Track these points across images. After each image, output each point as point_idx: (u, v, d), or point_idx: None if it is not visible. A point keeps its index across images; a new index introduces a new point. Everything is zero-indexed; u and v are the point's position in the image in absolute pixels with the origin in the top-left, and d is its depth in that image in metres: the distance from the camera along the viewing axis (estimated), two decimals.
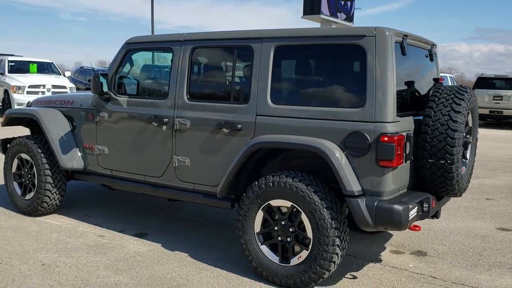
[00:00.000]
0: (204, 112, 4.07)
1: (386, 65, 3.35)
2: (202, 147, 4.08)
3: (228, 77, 4.12)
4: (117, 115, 4.60)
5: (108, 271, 3.86)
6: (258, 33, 3.87)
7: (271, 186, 3.60)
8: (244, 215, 3.77)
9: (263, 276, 3.72)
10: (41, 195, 5.01)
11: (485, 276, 4.02)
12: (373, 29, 3.40)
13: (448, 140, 3.45)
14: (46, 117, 5.00)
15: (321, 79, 3.70)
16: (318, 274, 3.49)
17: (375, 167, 3.35)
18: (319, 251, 3.44)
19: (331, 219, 3.41)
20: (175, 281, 3.73)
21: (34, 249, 4.29)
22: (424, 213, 3.60)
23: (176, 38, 4.28)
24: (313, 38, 3.65)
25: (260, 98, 3.78)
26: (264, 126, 3.76)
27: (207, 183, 4.10)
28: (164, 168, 4.32)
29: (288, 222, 3.63)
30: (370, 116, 3.35)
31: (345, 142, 3.42)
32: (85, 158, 4.92)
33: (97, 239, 4.58)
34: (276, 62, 3.76)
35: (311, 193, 3.45)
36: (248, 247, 3.77)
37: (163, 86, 4.60)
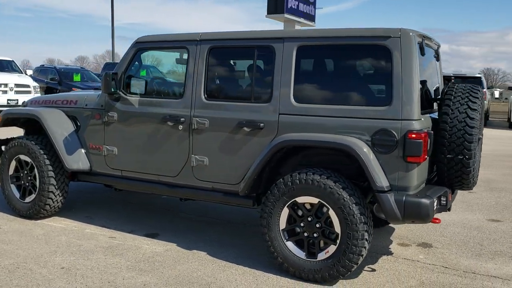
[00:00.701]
0: (224, 111, 4.10)
1: (411, 65, 3.49)
2: (221, 146, 4.11)
3: (248, 77, 4.16)
4: (128, 114, 4.55)
5: (132, 272, 3.83)
6: (280, 33, 3.93)
7: (298, 184, 3.68)
8: (269, 212, 3.82)
9: (289, 272, 3.79)
10: (44, 197, 4.89)
11: (491, 265, 4.25)
12: (398, 30, 3.54)
13: (466, 137, 3.63)
14: (49, 117, 4.87)
15: (345, 78, 3.81)
16: (347, 267, 3.60)
17: (403, 163, 3.49)
18: (348, 245, 3.55)
19: (360, 214, 3.52)
20: (203, 279, 3.74)
21: (47, 252, 4.19)
22: (442, 206, 3.78)
23: (191, 37, 4.28)
24: (336, 38, 3.75)
25: (283, 97, 3.85)
26: (287, 125, 3.83)
27: (227, 182, 4.13)
28: (180, 167, 4.32)
29: (315, 218, 3.72)
30: (397, 114, 3.49)
31: (373, 140, 3.54)
32: (91, 159, 4.83)
33: (109, 241, 4.52)
34: (299, 62, 3.84)
35: (339, 189, 3.56)
36: (274, 243, 3.83)
37: (177, 85, 4.59)
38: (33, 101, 5.38)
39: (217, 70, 4.32)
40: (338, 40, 3.75)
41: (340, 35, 3.74)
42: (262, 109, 3.93)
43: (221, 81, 4.34)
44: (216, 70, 4.30)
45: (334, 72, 3.86)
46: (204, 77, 4.18)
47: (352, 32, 3.71)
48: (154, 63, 4.88)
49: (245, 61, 4.24)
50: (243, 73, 4.30)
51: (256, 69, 4.03)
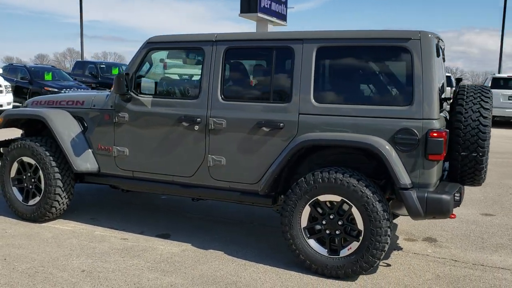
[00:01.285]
0: (242, 111, 4.13)
1: (431, 66, 3.62)
2: (240, 146, 4.14)
3: (266, 77, 4.21)
4: (140, 115, 4.52)
5: (155, 273, 3.83)
6: (299, 34, 3.99)
7: (321, 182, 3.76)
8: (290, 211, 3.88)
9: (311, 269, 3.86)
10: (50, 199, 4.79)
11: (496, 257, 4.45)
12: (418, 33, 3.66)
13: (480, 135, 3.79)
14: (55, 118, 4.78)
15: (366, 78, 3.91)
16: (370, 263, 3.70)
17: (424, 161, 3.61)
18: (372, 241, 3.65)
19: (383, 211, 3.63)
20: (227, 278, 3.77)
21: (62, 256, 4.12)
22: (456, 201, 3.92)
23: (207, 38, 4.29)
24: (356, 40, 3.85)
25: (303, 97, 3.91)
26: (307, 124, 3.90)
27: (245, 181, 4.16)
28: (196, 167, 4.32)
29: (337, 216, 3.80)
30: (418, 114, 3.61)
31: (394, 139, 3.64)
32: (99, 160, 4.77)
33: (122, 243, 4.48)
34: (319, 63, 3.91)
35: (363, 187, 3.65)
36: (295, 241, 3.90)
37: (192, 86, 4.59)
38: (34, 102, 5.26)
39: (234, 70, 4.35)
40: (358, 42, 3.84)
41: (360, 37, 3.84)
42: (281, 109, 3.99)
43: (238, 81, 4.37)
44: (233, 71, 4.33)
45: (354, 73, 3.95)
46: (221, 78, 4.20)
47: (372, 34, 3.81)
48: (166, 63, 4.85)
49: (263, 62, 4.29)
50: (261, 73, 4.34)
51: (274, 70, 4.08)
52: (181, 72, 5.02)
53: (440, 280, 3.88)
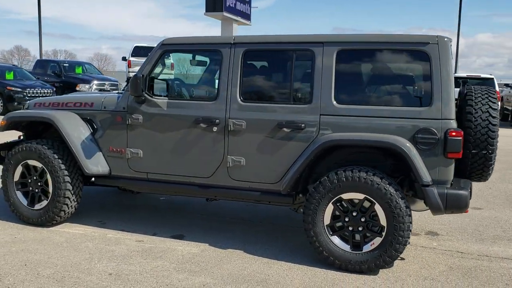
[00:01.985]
0: (262, 113, 4.21)
1: (448, 68, 3.83)
2: (260, 146, 4.22)
3: (286, 79, 4.30)
4: (155, 117, 4.52)
5: (183, 274, 3.86)
6: (319, 37, 4.11)
7: (344, 181, 3.89)
8: (314, 209, 4.00)
9: (335, 265, 4.00)
10: (60, 203, 4.72)
11: (496, 248, 4.73)
12: (435, 37, 3.86)
13: (490, 133, 4.03)
14: (64, 120, 4.70)
15: (386, 80, 4.07)
16: (393, 257, 3.87)
17: (443, 159, 3.81)
18: (395, 236, 3.82)
19: (405, 207, 3.81)
20: (256, 276, 3.85)
21: (83, 260, 4.08)
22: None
23: (225, 40, 4.33)
24: (376, 43, 4.00)
25: (324, 99, 4.04)
26: (328, 125, 4.02)
27: (266, 181, 4.25)
28: (215, 168, 4.37)
29: (359, 213, 3.95)
30: (437, 114, 3.80)
31: (415, 138, 3.83)
32: (110, 162, 4.73)
33: (139, 245, 4.47)
34: (339, 65, 4.04)
35: (386, 185, 3.82)
36: (319, 239, 4.02)
37: (210, 87, 4.62)
38: (37, 104, 5.14)
39: (252, 72, 4.42)
40: (377, 45, 4.00)
41: (380, 41, 4.00)
42: (302, 110, 4.10)
43: (257, 83, 4.44)
44: (251, 73, 4.39)
45: (374, 75, 4.11)
46: (240, 80, 4.27)
47: (392, 38, 3.98)
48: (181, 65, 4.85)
49: (282, 64, 4.37)
50: (280, 75, 4.43)
51: (294, 72, 4.18)
52: (195, 73, 5.03)
53: (454, 271, 4.10)
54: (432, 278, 3.93)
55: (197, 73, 5.03)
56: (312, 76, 4.08)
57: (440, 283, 3.85)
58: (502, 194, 6.94)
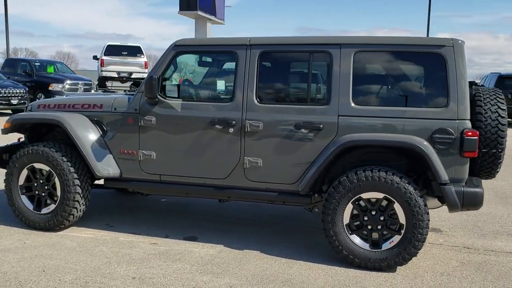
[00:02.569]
0: (279, 114, 4.24)
1: (463, 70, 3.95)
2: (277, 147, 4.25)
3: (303, 80, 4.34)
4: (169, 119, 4.49)
5: (207, 276, 3.85)
6: (336, 39, 4.17)
7: (365, 181, 3.97)
8: (333, 208, 4.06)
9: (354, 263, 4.07)
10: (69, 207, 4.62)
11: (498, 243, 4.91)
12: (450, 40, 3.98)
13: (499, 133, 4.18)
14: (73, 122, 4.61)
15: (402, 82, 4.17)
16: (412, 254, 3.97)
17: (459, 158, 3.93)
18: (414, 234, 3.92)
19: (424, 205, 3.91)
20: (280, 276, 3.88)
21: (102, 264, 4.02)
22: None
23: (240, 42, 4.34)
24: (393, 45, 4.09)
25: (342, 100, 4.10)
26: (346, 126, 4.09)
27: (283, 182, 4.28)
28: (231, 169, 4.38)
29: (378, 212, 4.03)
30: (454, 115, 3.92)
31: (432, 138, 3.93)
32: (121, 164, 4.67)
33: (155, 247, 4.44)
34: (356, 67, 4.12)
35: (405, 184, 3.91)
36: (338, 238, 4.08)
37: (224, 89, 4.61)
38: (41, 105, 5.01)
39: (269, 74, 4.44)
40: (394, 47, 4.09)
41: (397, 43, 4.09)
42: (321, 111, 4.15)
43: (274, 84, 4.46)
44: (268, 74, 4.42)
45: (391, 76, 4.19)
46: (256, 81, 4.29)
47: (408, 41, 4.08)
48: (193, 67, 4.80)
49: (299, 65, 4.42)
50: (297, 76, 4.47)
51: (312, 73, 4.22)
52: (208, 75, 5.00)
53: (466, 266, 4.24)
54: (448, 274, 4.05)
55: (211, 75, 4.99)
56: (330, 78, 4.14)
57: (457, 278, 3.97)
58: (491, 191, 7.18)
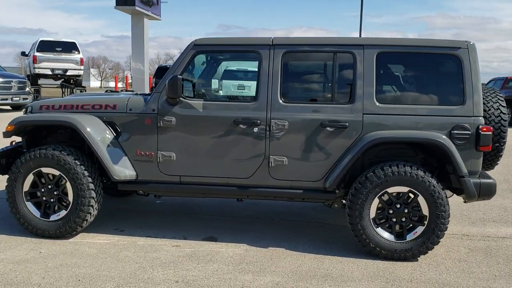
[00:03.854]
0: (304, 113, 4.33)
1: (477, 70, 4.26)
2: (302, 145, 4.34)
3: (327, 80, 4.45)
4: (190, 119, 4.43)
5: (248, 275, 3.87)
6: (359, 40, 4.34)
7: (391, 176, 4.17)
8: (361, 204, 4.23)
9: (381, 255, 4.26)
10: (83, 212, 4.44)
11: (490, 229, 5.32)
12: (465, 42, 4.27)
13: (502, 128, 4.55)
14: (87, 124, 4.42)
15: (422, 81, 4.40)
16: (435, 243, 4.23)
17: (475, 152, 4.24)
18: (437, 224, 4.18)
19: (445, 198, 4.18)
20: (317, 271, 3.98)
21: (136, 270, 3.91)
22: None
23: (263, 41, 4.38)
24: (412, 47, 4.32)
25: (366, 99, 4.27)
26: (371, 124, 4.27)
27: (309, 179, 4.38)
28: (255, 168, 4.41)
29: (403, 205, 4.25)
30: (470, 112, 4.22)
31: (451, 134, 4.21)
32: (137, 166, 4.54)
33: (180, 250, 4.37)
34: (379, 67, 4.30)
35: (429, 178, 4.16)
36: (366, 231, 4.25)
37: (248, 88, 4.61)
38: (44, 106, 4.73)
39: (292, 73, 4.51)
40: (414, 49, 4.31)
41: (416, 44, 4.32)
42: (346, 110, 4.29)
43: (298, 84, 4.54)
44: (291, 74, 4.49)
45: (412, 76, 4.41)
46: (280, 81, 4.35)
47: (427, 42, 4.32)
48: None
49: (322, 65, 4.52)
50: (321, 76, 4.57)
51: (336, 73, 4.36)
52: (234, 75, 4.97)
53: (475, 252, 4.57)
54: (464, 260, 4.36)
55: (232, 74, 4.97)
56: (354, 77, 4.29)
57: (474, 263, 4.29)
58: None
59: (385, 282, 3.83)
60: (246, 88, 6.82)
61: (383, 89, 4.33)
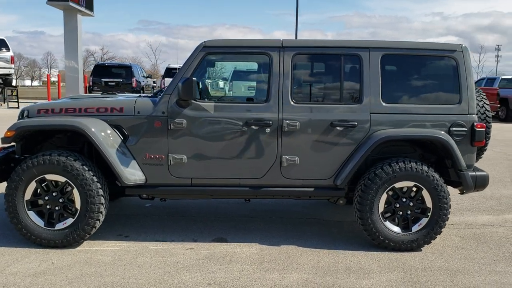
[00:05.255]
0: (315, 113, 4.47)
1: (471, 71, 4.60)
2: (314, 144, 4.48)
3: (336, 81, 4.59)
4: (202, 120, 4.42)
5: (275, 274, 3.94)
6: (365, 43, 4.53)
7: (399, 171, 4.41)
8: (371, 199, 4.43)
9: (389, 247, 4.48)
10: (93, 219, 4.30)
11: (468, 217, 5.75)
12: (460, 45, 4.60)
13: (487, 125, 4.94)
14: (95, 128, 4.27)
15: (422, 81, 4.66)
16: (438, 233, 4.52)
17: (470, 147, 4.58)
18: (440, 215, 4.48)
19: (447, 190, 4.49)
20: (338, 266, 4.13)
21: (162, 275, 3.86)
22: None
23: (273, 44, 4.45)
24: (414, 49, 4.57)
25: (373, 99, 4.48)
26: (377, 122, 4.49)
27: (319, 177, 4.53)
28: (267, 168, 4.48)
29: (408, 199, 4.51)
30: (465, 110, 4.55)
31: (450, 131, 4.52)
32: (146, 170, 4.46)
33: (196, 252, 4.36)
34: (384, 68, 4.53)
35: (432, 172, 4.44)
36: (376, 225, 4.47)
37: (259, 90, 4.64)
38: (42, 110, 4.50)
39: (302, 75, 4.62)
40: (416, 51, 4.57)
41: (418, 47, 4.58)
42: (354, 110, 4.48)
43: (308, 85, 4.65)
44: (301, 75, 4.60)
45: (413, 77, 4.65)
46: (291, 82, 4.45)
47: (427, 45, 4.61)
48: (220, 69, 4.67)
49: (331, 67, 4.64)
50: (330, 77, 4.70)
51: (344, 74, 4.52)
52: (240, 76, 4.96)
53: (468, 239, 4.93)
54: (462, 247, 4.70)
55: (242, 76, 4.97)
56: (361, 78, 4.48)
57: (472, 249, 4.64)
58: None
59: (403, 272, 4.05)
60: None
61: (388, 89, 4.55)
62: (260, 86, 4.79)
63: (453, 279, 3.93)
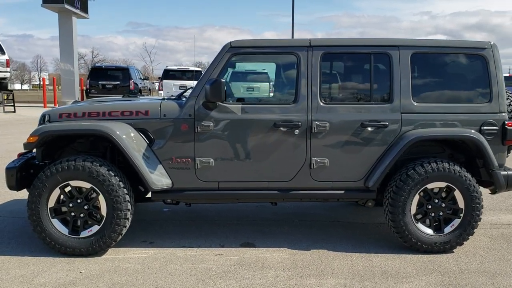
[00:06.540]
0: (345, 113, 4.37)
1: (500, 69, 4.53)
2: (344, 146, 4.38)
3: (365, 81, 4.49)
4: (229, 123, 4.30)
5: (311, 279, 3.84)
6: (394, 41, 4.43)
7: (431, 172, 4.32)
8: (404, 200, 4.34)
9: (421, 249, 4.39)
10: (120, 226, 4.17)
11: (491, 217, 5.68)
12: (489, 43, 4.52)
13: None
14: (122, 132, 4.14)
15: (452, 79, 4.57)
16: (470, 233, 4.44)
17: (501, 146, 4.50)
18: (473, 216, 4.39)
19: (479, 191, 4.41)
20: (374, 270, 4.03)
21: (196, 282, 3.74)
22: None
23: (301, 43, 4.35)
24: (443, 47, 4.49)
25: (404, 98, 4.39)
26: (409, 122, 4.39)
27: (350, 179, 4.43)
28: (296, 171, 4.38)
29: (440, 200, 4.42)
30: (496, 109, 4.47)
31: (481, 130, 4.44)
32: (173, 174, 4.34)
33: (225, 258, 4.24)
34: (413, 67, 4.44)
35: (465, 173, 4.36)
36: (408, 227, 4.37)
37: (286, 90, 4.53)
38: (64, 114, 4.36)
39: (331, 74, 4.51)
40: (445, 49, 4.49)
41: (446, 45, 4.50)
42: (384, 110, 4.38)
43: (337, 85, 4.55)
44: (330, 75, 4.50)
45: (443, 75, 4.56)
46: (319, 82, 4.35)
47: (456, 43, 4.53)
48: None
49: (360, 66, 4.54)
50: (359, 77, 4.59)
51: (373, 74, 4.42)
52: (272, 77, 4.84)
53: (497, 240, 4.86)
54: (493, 248, 4.62)
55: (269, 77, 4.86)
56: (391, 77, 4.39)
57: (503, 250, 4.57)
58: None
59: (441, 275, 3.96)
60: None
61: (418, 88, 4.46)
62: (287, 87, 4.68)
63: (493, 281, 3.85)
